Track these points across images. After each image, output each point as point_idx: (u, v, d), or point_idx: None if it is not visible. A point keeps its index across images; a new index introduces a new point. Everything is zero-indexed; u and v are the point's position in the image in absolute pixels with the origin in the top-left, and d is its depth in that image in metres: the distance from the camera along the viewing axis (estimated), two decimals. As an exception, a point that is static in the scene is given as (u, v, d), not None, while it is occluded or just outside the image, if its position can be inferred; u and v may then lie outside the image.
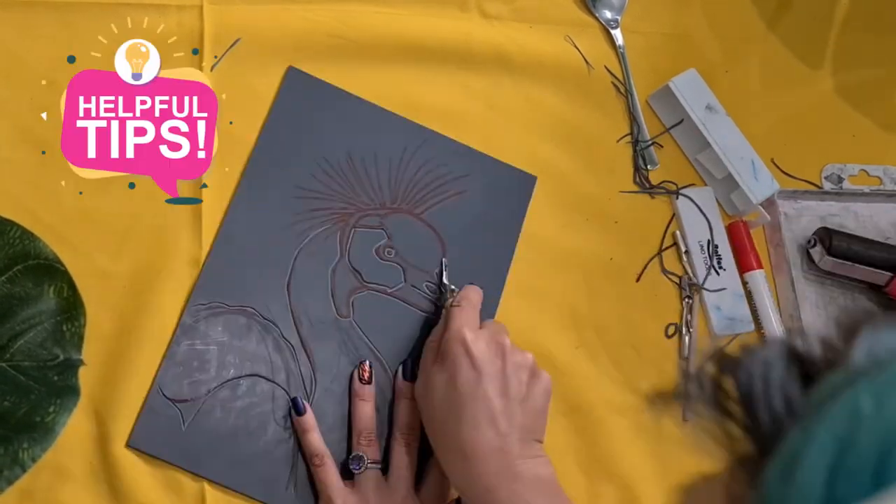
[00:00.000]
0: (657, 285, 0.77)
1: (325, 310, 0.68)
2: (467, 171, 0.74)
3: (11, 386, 0.53)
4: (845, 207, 0.85)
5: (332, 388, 0.66)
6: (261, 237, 0.68)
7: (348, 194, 0.71)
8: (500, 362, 0.61)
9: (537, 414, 0.62)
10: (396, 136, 0.74)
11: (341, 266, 0.69)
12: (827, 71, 0.90)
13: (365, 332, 0.68)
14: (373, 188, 0.72)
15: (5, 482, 0.52)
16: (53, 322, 0.55)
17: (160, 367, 0.63)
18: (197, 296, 0.65)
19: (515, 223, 0.75)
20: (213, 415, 0.63)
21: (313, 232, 0.69)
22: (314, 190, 0.70)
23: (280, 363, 0.66)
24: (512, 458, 0.58)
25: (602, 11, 0.84)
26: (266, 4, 0.74)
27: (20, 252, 0.56)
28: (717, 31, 0.87)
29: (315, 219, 0.70)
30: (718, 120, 0.80)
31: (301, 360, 0.66)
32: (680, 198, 0.79)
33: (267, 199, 0.69)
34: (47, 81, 0.67)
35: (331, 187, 0.71)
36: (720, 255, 0.78)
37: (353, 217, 0.71)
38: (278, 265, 0.68)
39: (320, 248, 0.69)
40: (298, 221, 0.69)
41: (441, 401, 0.61)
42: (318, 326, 0.67)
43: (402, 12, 0.78)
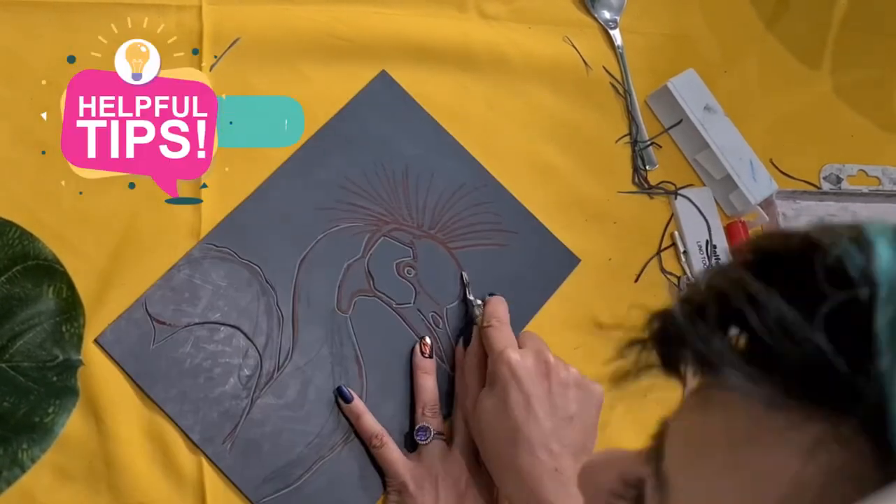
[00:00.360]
0: (656, 285, 0.77)
1: (326, 297, 0.68)
2: (517, 228, 0.75)
3: (11, 387, 0.53)
4: (844, 208, 0.85)
5: (304, 368, 0.66)
6: (293, 208, 0.69)
7: (392, 203, 0.72)
8: (546, 383, 0.61)
9: (587, 429, 0.62)
10: (460, 169, 0.74)
11: (358, 264, 0.69)
12: (825, 71, 0.90)
13: (356, 333, 0.68)
14: (417, 207, 0.72)
15: (4, 483, 0.52)
16: (53, 323, 0.55)
17: (153, 284, 0.64)
18: (212, 236, 0.66)
19: (542, 295, 0.74)
20: (184, 347, 0.64)
21: (344, 224, 0.70)
22: (361, 187, 0.71)
23: (264, 327, 0.66)
24: (567, 478, 0.58)
25: (601, 12, 0.84)
26: (266, 4, 0.74)
27: (19, 253, 0.56)
28: (715, 31, 0.87)
29: (351, 212, 0.70)
30: (717, 120, 0.80)
31: (286, 332, 0.66)
32: (678, 198, 0.79)
33: (313, 175, 0.70)
34: (47, 81, 0.67)
35: (377, 191, 0.72)
36: (719, 255, 0.78)
37: (387, 226, 0.71)
38: (299, 240, 0.69)
39: (345, 240, 0.70)
40: (334, 208, 0.70)
41: (493, 425, 0.61)
42: (314, 310, 0.67)
43: (400, 13, 0.78)
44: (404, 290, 0.70)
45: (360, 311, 0.69)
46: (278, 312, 0.67)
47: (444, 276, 0.72)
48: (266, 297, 0.67)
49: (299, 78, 0.74)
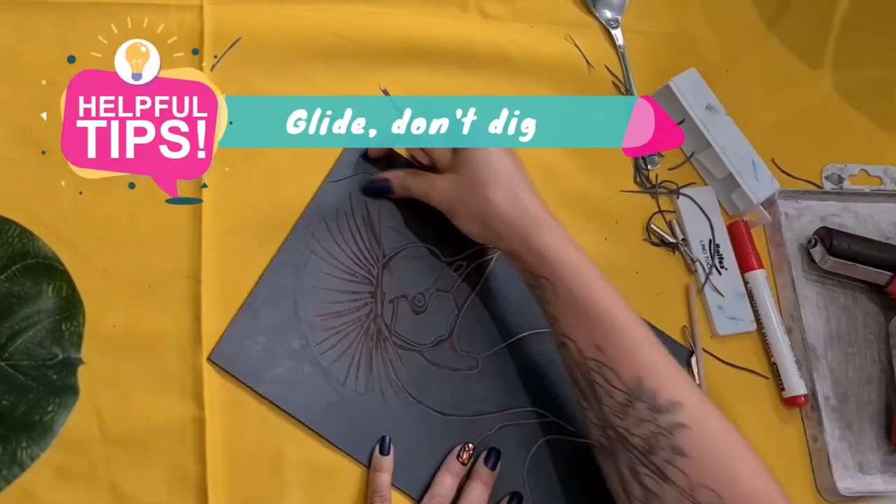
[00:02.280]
0: (657, 284, 0.77)
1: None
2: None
3: (10, 385, 0.53)
4: (846, 207, 0.85)
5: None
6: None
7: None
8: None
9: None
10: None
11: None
12: (827, 71, 0.90)
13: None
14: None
15: (4, 481, 0.51)
16: (52, 321, 0.55)
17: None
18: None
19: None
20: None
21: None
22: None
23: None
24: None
25: (602, 11, 0.84)
26: (266, 4, 0.74)
27: (19, 251, 0.56)
28: (717, 30, 0.87)
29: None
30: (719, 120, 0.80)
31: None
32: (681, 197, 0.79)
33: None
34: (47, 81, 0.67)
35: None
36: (722, 254, 0.78)
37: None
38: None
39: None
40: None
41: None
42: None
43: (401, 12, 0.78)
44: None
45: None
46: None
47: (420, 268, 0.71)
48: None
49: (300, 78, 0.73)
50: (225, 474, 0.62)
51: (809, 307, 0.80)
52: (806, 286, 0.80)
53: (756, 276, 0.78)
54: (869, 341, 0.80)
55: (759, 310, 0.77)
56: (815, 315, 0.80)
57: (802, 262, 0.81)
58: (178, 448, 0.62)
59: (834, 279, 0.81)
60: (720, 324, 0.76)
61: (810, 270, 0.81)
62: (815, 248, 0.79)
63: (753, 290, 0.78)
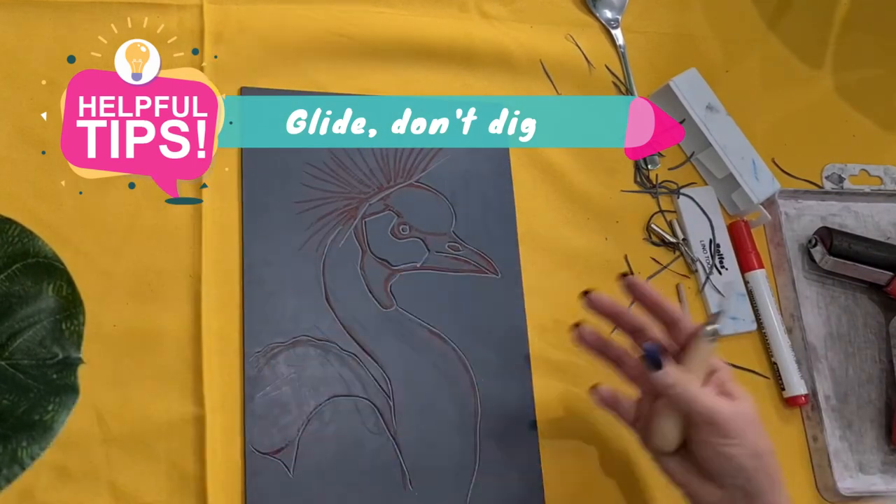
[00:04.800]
0: (659, 285, 0.77)
1: (369, 308, 0.68)
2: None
3: (10, 384, 0.52)
4: (846, 207, 0.85)
5: (404, 377, 0.67)
6: (283, 266, 0.68)
7: (346, 190, 0.71)
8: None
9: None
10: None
11: (368, 261, 0.69)
12: (827, 71, 0.90)
13: (414, 314, 0.69)
14: (365, 175, 0.72)
15: (4, 481, 0.51)
16: (52, 320, 0.55)
17: (244, 426, 0.63)
18: (249, 345, 0.65)
19: (504, 165, 0.75)
20: (312, 451, 0.63)
21: (328, 239, 0.69)
22: (312, 199, 0.70)
23: (351, 375, 0.66)
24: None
25: (602, 11, 0.84)
26: (266, 4, 0.74)
27: (19, 250, 0.55)
28: (717, 30, 0.88)
29: (325, 226, 0.70)
30: (719, 119, 0.80)
31: (368, 363, 0.67)
32: (681, 197, 0.79)
33: (273, 226, 0.69)
34: (47, 81, 0.67)
35: (327, 189, 0.71)
36: (722, 254, 0.78)
37: (358, 210, 0.71)
38: (310, 285, 0.68)
39: (341, 252, 0.69)
40: (311, 236, 0.69)
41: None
42: (370, 326, 0.68)
43: (402, 12, 0.78)
44: (415, 248, 0.71)
45: (400, 295, 0.69)
46: (349, 355, 0.67)
47: (431, 209, 0.72)
48: (331, 352, 0.66)
49: (301, 77, 0.73)
50: (225, 474, 0.62)
51: (810, 307, 0.80)
52: (806, 286, 0.80)
53: (756, 276, 0.78)
54: (869, 341, 0.80)
55: (759, 310, 0.77)
56: (815, 315, 0.80)
57: (803, 262, 0.81)
58: (178, 448, 0.62)
59: (834, 279, 0.81)
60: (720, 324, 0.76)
61: (810, 270, 0.81)
62: (815, 247, 0.79)
63: (754, 290, 0.78)
